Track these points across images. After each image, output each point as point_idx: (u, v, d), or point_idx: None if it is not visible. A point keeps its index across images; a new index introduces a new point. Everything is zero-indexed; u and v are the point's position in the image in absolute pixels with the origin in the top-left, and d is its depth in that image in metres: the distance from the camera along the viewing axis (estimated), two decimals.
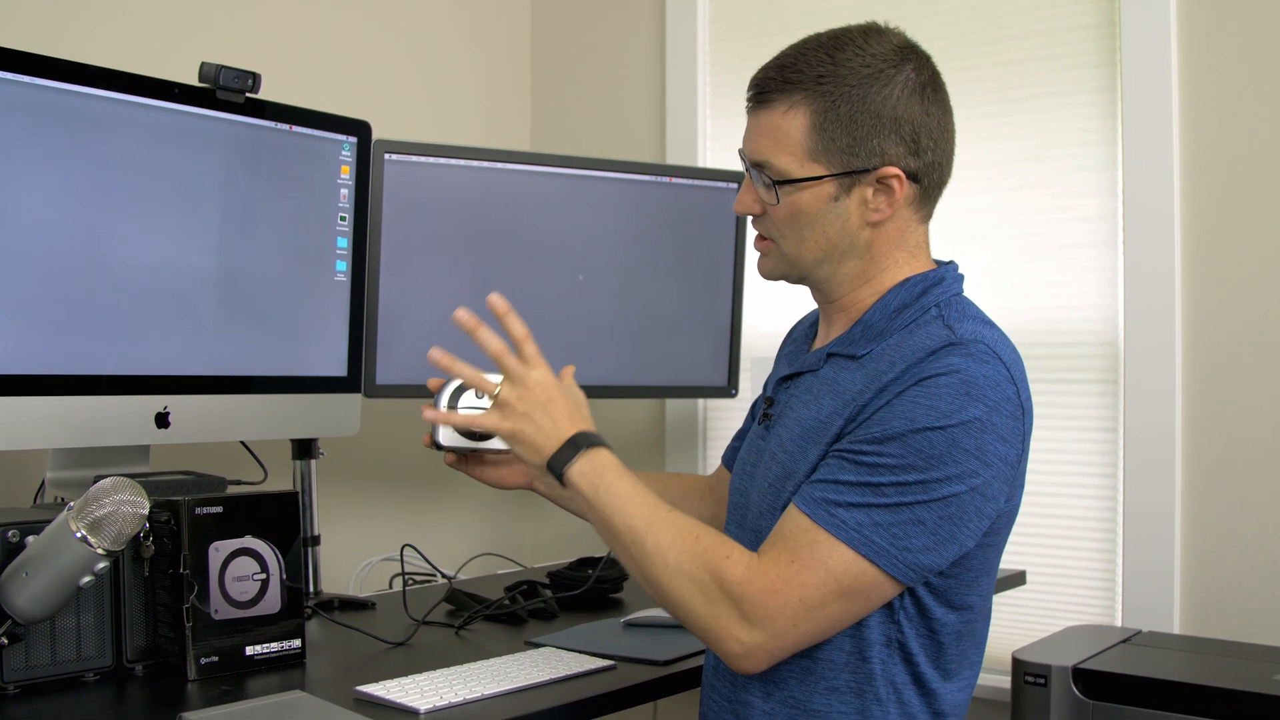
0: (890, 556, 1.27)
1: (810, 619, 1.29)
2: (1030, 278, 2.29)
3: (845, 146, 1.36)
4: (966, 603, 1.38)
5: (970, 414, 1.27)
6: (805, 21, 2.52)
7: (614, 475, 1.36)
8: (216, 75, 1.80)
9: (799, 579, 1.28)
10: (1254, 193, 2.08)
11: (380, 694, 1.42)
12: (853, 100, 1.35)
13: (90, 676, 1.50)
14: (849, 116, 1.35)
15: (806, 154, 1.37)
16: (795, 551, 1.29)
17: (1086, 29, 2.23)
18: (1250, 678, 1.72)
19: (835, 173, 1.37)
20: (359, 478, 2.49)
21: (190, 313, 1.82)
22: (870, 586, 1.29)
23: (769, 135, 1.39)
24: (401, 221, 2.08)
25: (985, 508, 1.31)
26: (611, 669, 1.59)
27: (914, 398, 1.29)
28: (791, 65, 1.38)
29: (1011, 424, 1.31)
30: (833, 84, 1.35)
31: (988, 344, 1.33)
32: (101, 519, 1.33)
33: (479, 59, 2.85)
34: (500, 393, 1.38)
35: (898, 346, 1.35)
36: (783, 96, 1.37)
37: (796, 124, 1.37)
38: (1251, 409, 2.08)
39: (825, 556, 1.28)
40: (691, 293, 2.36)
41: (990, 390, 1.29)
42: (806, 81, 1.36)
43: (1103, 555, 2.21)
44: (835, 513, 1.28)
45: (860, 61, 1.36)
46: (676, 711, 2.46)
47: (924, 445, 1.27)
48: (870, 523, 1.27)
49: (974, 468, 1.28)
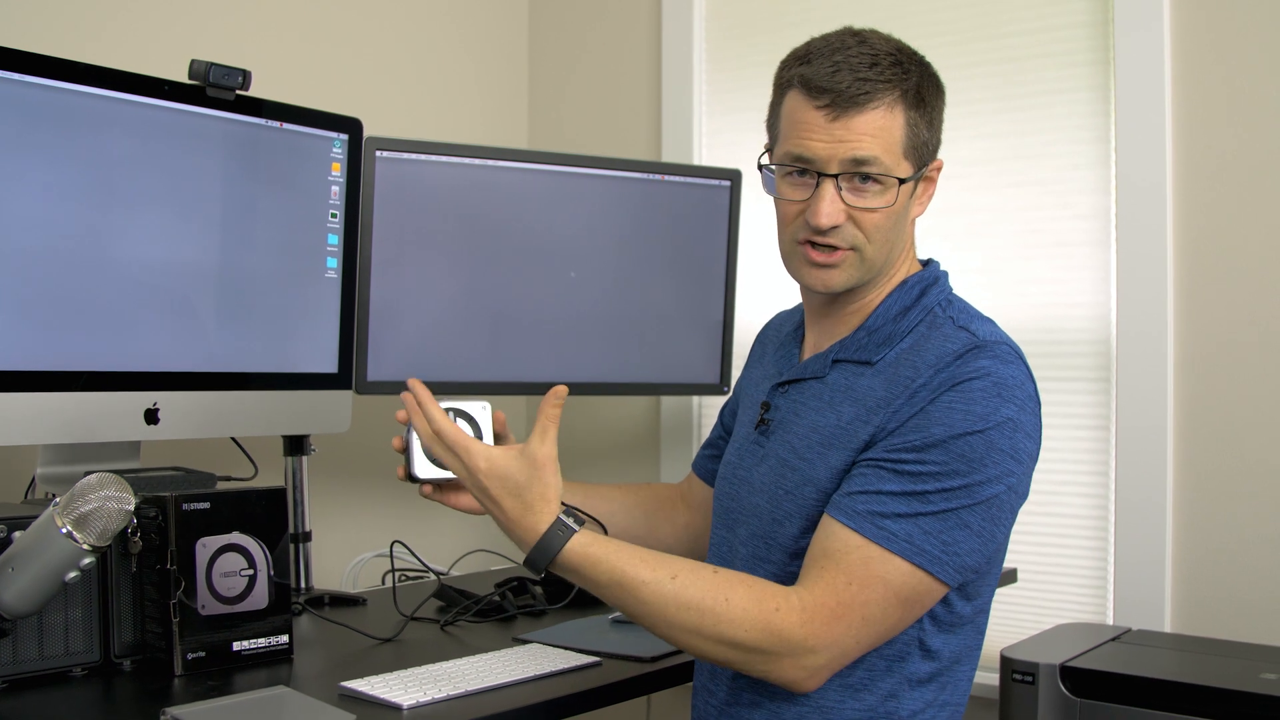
0: (942, 563, 1.29)
1: (872, 633, 1.30)
2: (1026, 275, 2.28)
3: (924, 142, 1.40)
4: (980, 591, 1.40)
5: (1004, 415, 1.30)
6: (802, 20, 2.54)
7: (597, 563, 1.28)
8: (206, 73, 1.80)
9: (859, 599, 1.28)
10: (1246, 191, 2.08)
11: (365, 690, 1.42)
12: (927, 98, 1.39)
13: (78, 672, 1.51)
14: (930, 112, 1.40)
15: (904, 152, 1.38)
16: (850, 572, 1.28)
17: (1080, 27, 2.23)
18: (1239, 676, 1.72)
19: (921, 168, 1.41)
20: (350, 474, 2.49)
21: (181, 309, 1.83)
22: (926, 593, 1.31)
23: (874, 135, 1.36)
24: (393, 218, 2.09)
25: (1018, 504, 1.35)
26: (597, 665, 1.59)
27: (949, 403, 1.30)
28: (878, 64, 1.36)
29: (1035, 421, 1.35)
30: (917, 81, 1.38)
31: (1009, 345, 1.37)
32: (87, 515, 1.34)
33: (475, 56, 2.85)
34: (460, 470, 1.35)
35: (916, 351, 1.36)
36: (881, 97, 1.36)
37: (897, 123, 1.37)
38: (1243, 408, 2.08)
39: (882, 573, 1.28)
40: (684, 290, 2.37)
41: (1018, 390, 1.32)
42: (897, 82, 1.36)
43: (1094, 553, 2.21)
44: (883, 525, 1.28)
45: (916, 60, 1.39)
46: (670, 707, 2.46)
47: (965, 450, 1.29)
48: (920, 532, 1.28)
49: (1010, 467, 1.31)
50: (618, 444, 2.79)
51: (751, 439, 1.49)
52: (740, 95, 2.63)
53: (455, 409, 1.47)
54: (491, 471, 1.30)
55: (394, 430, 2.50)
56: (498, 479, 1.30)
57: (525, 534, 1.30)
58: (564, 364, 2.26)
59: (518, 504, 1.30)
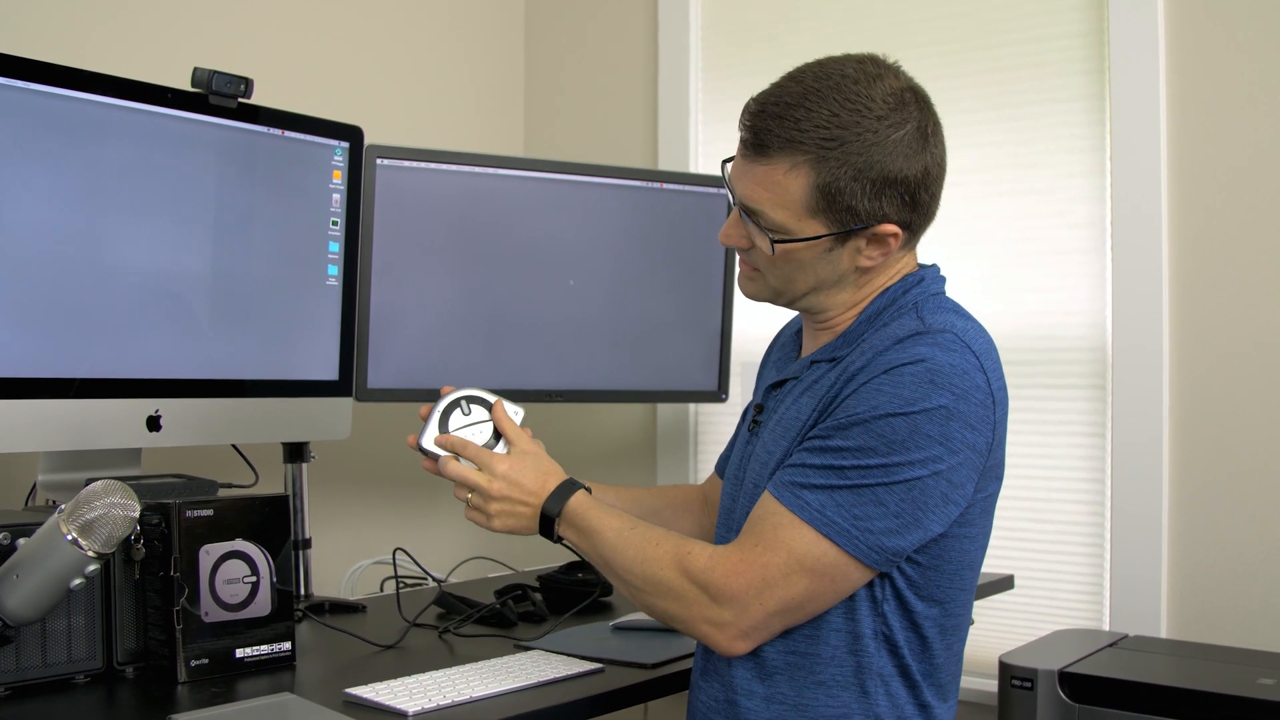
0: (850, 536, 1.30)
1: (774, 595, 1.32)
2: (1021, 284, 2.30)
3: (846, 208, 1.35)
4: (948, 595, 1.39)
5: (935, 401, 1.30)
6: (797, 29, 2.55)
7: (589, 519, 1.45)
8: (209, 80, 1.81)
9: (761, 559, 1.32)
10: (1241, 198, 2.10)
11: (369, 696, 1.43)
12: (858, 165, 1.33)
13: (81, 679, 1.51)
14: (853, 180, 1.33)
15: (805, 211, 1.35)
16: (760, 535, 1.34)
17: (1075, 36, 2.24)
18: (1235, 682, 1.73)
19: (833, 232, 1.37)
20: (350, 481, 2.49)
21: (182, 316, 1.83)
22: (833, 567, 1.32)
23: (766, 189, 1.36)
24: (393, 226, 2.09)
25: (952, 494, 1.33)
26: (599, 671, 1.60)
27: (878, 386, 1.31)
28: (793, 119, 1.33)
29: (980, 412, 1.33)
30: (839, 148, 1.32)
31: (956, 333, 1.35)
32: (92, 521, 1.34)
33: (473, 64, 2.86)
34: (474, 499, 1.49)
35: (869, 339, 1.38)
36: (784, 155, 1.34)
37: (798, 184, 1.34)
38: (1238, 415, 2.09)
39: (788, 537, 1.32)
40: (682, 298, 2.37)
41: (957, 378, 1.31)
42: (810, 143, 1.32)
43: (1090, 560, 2.22)
44: (800, 494, 1.32)
45: (865, 123, 1.32)
46: (667, 714, 2.47)
47: (886, 430, 1.30)
48: (832, 504, 1.30)
49: (938, 453, 1.30)
50: (615, 451, 2.80)
51: (745, 440, 1.52)
52: (736, 104, 2.60)
53: (471, 396, 1.53)
54: (509, 472, 1.48)
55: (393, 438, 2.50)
56: (511, 468, 1.48)
57: (544, 487, 1.47)
58: (562, 371, 2.27)
59: (536, 474, 1.48)
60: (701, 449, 2.70)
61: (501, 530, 1.49)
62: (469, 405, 1.53)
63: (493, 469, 1.48)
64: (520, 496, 1.47)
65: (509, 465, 1.48)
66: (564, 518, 1.46)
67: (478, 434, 1.52)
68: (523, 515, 1.47)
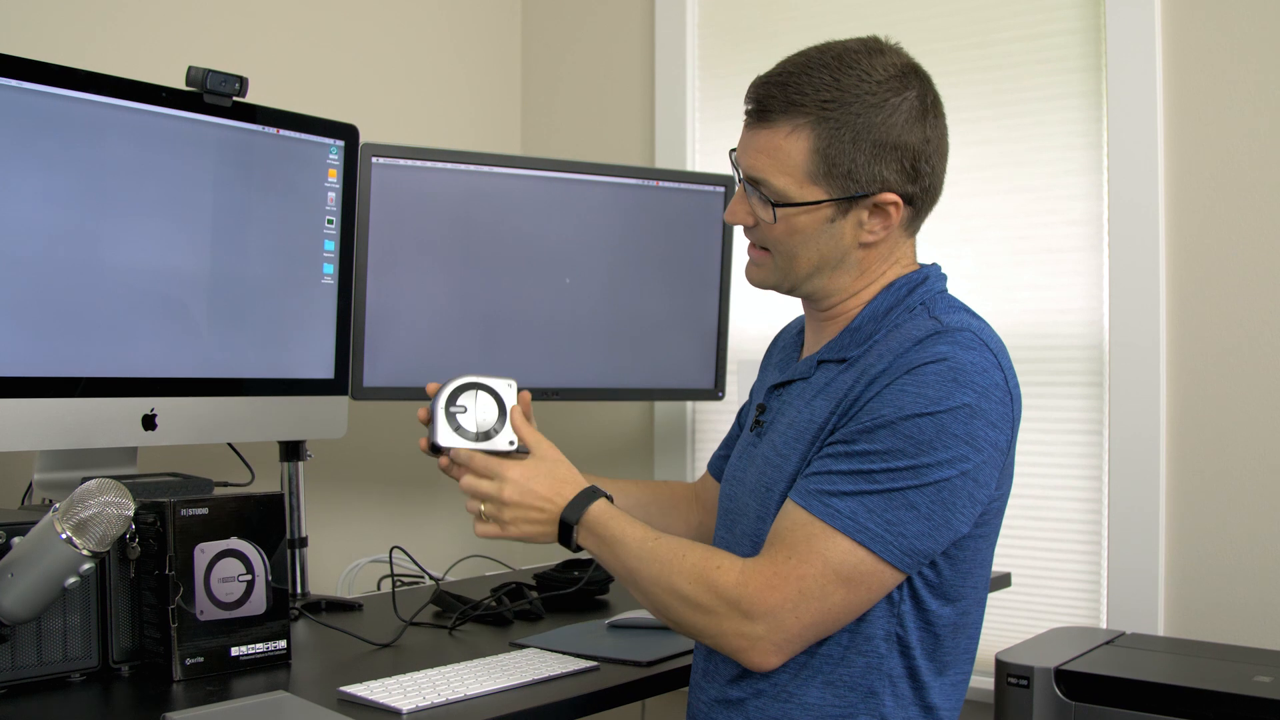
0: (885, 542, 1.29)
1: (811, 608, 1.30)
2: (1018, 281, 2.30)
3: (846, 172, 1.36)
4: (961, 594, 1.39)
5: (959, 400, 1.29)
6: (794, 26, 2.55)
7: (610, 528, 1.41)
8: (204, 79, 1.81)
9: (797, 572, 1.30)
10: (1238, 196, 2.09)
11: (364, 694, 1.43)
12: (857, 127, 1.35)
13: (76, 677, 1.51)
14: (852, 143, 1.35)
15: (807, 177, 1.37)
16: (793, 546, 1.31)
17: (1072, 33, 2.24)
18: (1232, 679, 1.73)
19: (835, 198, 1.37)
20: (346, 480, 2.49)
21: (178, 315, 1.83)
22: (870, 575, 1.30)
23: (769, 155, 1.38)
24: (389, 225, 2.09)
25: (977, 493, 1.33)
26: (595, 670, 1.60)
27: (902, 386, 1.31)
28: (795, 84, 1.36)
29: (1001, 409, 1.33)
30: (838, 109, 1.34)
31: (974, 331, 1.36)
32: (87, 520, 1.34)
33: (469, 63, 2.86)
34: (486, 508, 1.45)
35: (885, 341, 1.37)
36: (785, 118, 1.36)
37: (799, 147, 1.36)
38: (1235, 412, 2.09)
39: (823, 548, 1.29)
40: (679, 296, 2.37)
41: (979, 376, 1.31)
42: (810, 105, 1.35)
43: (1088, 557, 2.22)
44: (829, 503, 1.30)
45: (865, 86, 1.35)
46: (666, 713, 2.47)
47: (913, 431, 1.29)
48: (864, 510, 1.29)
49: (964, 452, 1.29)
50: (612, 449, 2.80)
51: (749, 440, 1.52)
52: (733, 101, 2.62)
53: (478, 383, 1.49)
54: (521, 478, 1.44)
55: (389, 436, 2.52)
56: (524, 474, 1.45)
57: (559, 493, 1.44)
58: (559, 369, 2.27)
59: (552, 480, 1.45)
60: (699, 447, 2.70)
61: (517, 538, 1.46)
62: (476, 391, 1.48)
63: (504, 476, 1.44)
64: (534, 502, 1.43)
65: (521, 471, 1.45)
66: (584, 525, 1.42)
67: (483, 416, 1.47)
68: (538, 521, 1.44)
